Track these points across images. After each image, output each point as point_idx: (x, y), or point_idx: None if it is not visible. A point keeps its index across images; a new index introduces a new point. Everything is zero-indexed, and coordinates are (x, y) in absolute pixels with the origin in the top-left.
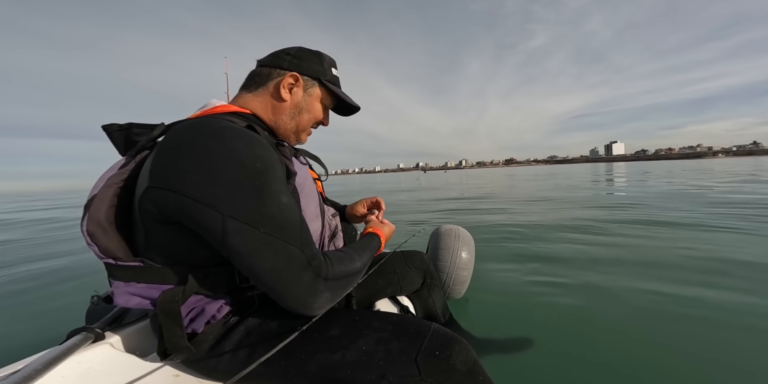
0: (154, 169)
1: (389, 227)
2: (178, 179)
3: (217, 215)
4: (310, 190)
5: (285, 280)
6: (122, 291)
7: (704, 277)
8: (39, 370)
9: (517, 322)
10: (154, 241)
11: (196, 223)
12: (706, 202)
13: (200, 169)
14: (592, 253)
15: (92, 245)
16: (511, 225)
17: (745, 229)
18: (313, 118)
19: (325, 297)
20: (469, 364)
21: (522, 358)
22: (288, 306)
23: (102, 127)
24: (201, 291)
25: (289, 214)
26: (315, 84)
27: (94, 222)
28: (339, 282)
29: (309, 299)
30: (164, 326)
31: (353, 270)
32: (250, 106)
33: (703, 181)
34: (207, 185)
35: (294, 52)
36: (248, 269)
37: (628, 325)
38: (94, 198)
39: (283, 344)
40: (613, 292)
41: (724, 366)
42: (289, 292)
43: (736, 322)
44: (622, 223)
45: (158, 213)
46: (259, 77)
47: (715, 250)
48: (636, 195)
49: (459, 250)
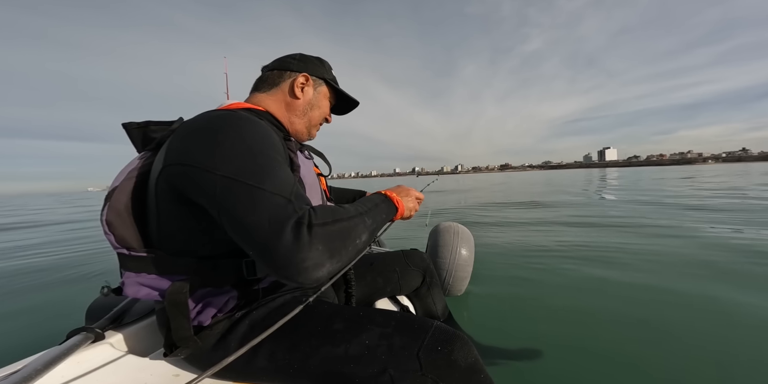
0: (168, 151)
1: (410, 195)
2: (187, 154)
3: (213, 176)
4: (313, 184)
5: (270, 233)
6: (133, 281)
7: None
8: (39, 370)
9: (516, 320)
10: (165, 228)
11: (198, 190)
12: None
13: (204, 142)
14: (592, 253)
15: (109, 234)
16: (511, 225)
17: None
18: (322, 113)
19: (317, 250)
20: (470, 360)
21: (521, 355)
22: (280, 271)
23: (122, 124)
24: (209, 283)
25: (281, 172)
26: (322, 83)
27: (113, 211)
28: (329, 228)
29: (298, 255)
30: (171, 317)
31: (345, 216)
32: (264, 105)
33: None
34: (208, 154)
35: (299, 57)
36: (237, 228)
37: (628, 322)
38: (116, 189)
39: (284, 320)
40: (613, 289)
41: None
42: (277, 249)
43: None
44: (623, 224)
45: (171, 191)
46: (271, 79)
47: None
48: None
49: (458, 248)
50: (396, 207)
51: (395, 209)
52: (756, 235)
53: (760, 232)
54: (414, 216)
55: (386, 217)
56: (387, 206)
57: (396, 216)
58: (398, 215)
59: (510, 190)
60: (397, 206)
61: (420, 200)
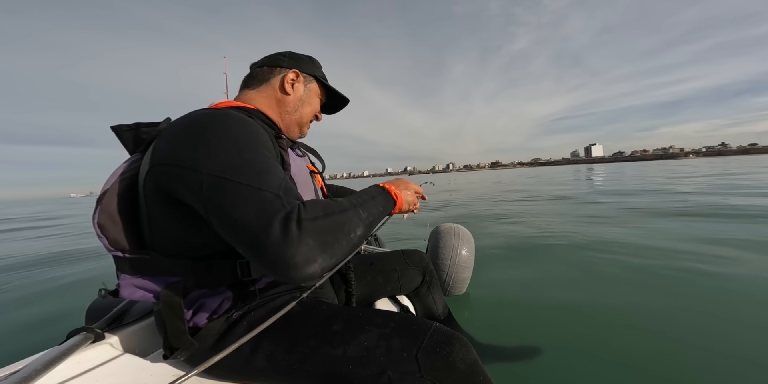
0: (154, 152)
1: (409, 188)
2: (172, 154)
3: (199, 175)
4: (306, 182)
5: (258, 229)
6: (128, 283)
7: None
8: (39, 370)
9: (517, 321)
10: (157, 230)
11: (183, 190)
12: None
13: (189, 141)
14: (593, 253)
15: (102, 237)
16: (511, 224)
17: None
18: (312, 110)
19: (307, 244)
20: (469, 362)
21: (522, 356)
22: (271, 267)
23: (111, 127)
24: (203, 284)
25: (269, 166)
26: (312, 80)
27: (105, 214)
28: (319, 222)
29: (287, 250)
30: (167, 319)
31: (337, 209)
32: (254, 102)
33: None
34: (193, 152)
35: (289, 55)
36: (226, 225)
37: (629, 322)
38: (106, 192)
39: (277, 316)
40: (614, 289)
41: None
42: (265, 245)
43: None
44: (624, 224)
45: (158, 192)
46: (261, 75)
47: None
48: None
49: (459, 248)
50: (394, 200)
51: (393, 202)
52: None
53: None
54: (417, 213)
55: (384, 211)
56: (384, 199)
57: (394, 209)
58: (396, 208)
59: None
60: (396, 199)
61: (419, 194)
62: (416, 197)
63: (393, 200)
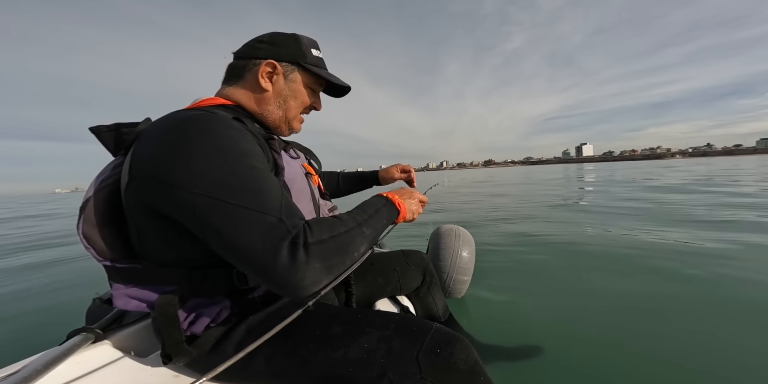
0: (134, 160)
1: (413, 197)
2: (153, 166)
3: (189, 195)
4: (302, 186)
5: (265, 257)
6: (121, 293)
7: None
8: (39, 371)
9: (517, 322)
10: (146, 240)
11: (172, 208)
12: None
13: (172, 152)
14: (593, 253)
15: (89, 248)
16: (511, 224)
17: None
18: (300, 104)
19: (314, 268)
20: (470, 363)
21: (522, 358)
22: (277, 288)
23: (89, 129)
24: (200, 293)
25: (265, 184)
26: (295, 69)
27: (89, 224)
28: (325, 246)
29: (296, 274)
30: (163, 330)
31: (342, 229)
32: (234, 99)
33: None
34: (180, 167)
35: (267, 39)
36: (228, 250)
37: (630, 324)
38: (89, 200)
39: (282, 325)
40: (615, 291)
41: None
42: (274, 270)
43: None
44: (626, 225)
45: (141, 206)
46: (236, 70)
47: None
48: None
49: (459, 250)
50: (398, 210)
51: (397, 212)
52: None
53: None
54: (417, 219)
55: (387, 222)
56: (388, 210)
57: (398, 219)
58: (400, 218)
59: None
60: (399, 209)
61: (423, 203)
62: (420, 206)
63: (396, 210)
